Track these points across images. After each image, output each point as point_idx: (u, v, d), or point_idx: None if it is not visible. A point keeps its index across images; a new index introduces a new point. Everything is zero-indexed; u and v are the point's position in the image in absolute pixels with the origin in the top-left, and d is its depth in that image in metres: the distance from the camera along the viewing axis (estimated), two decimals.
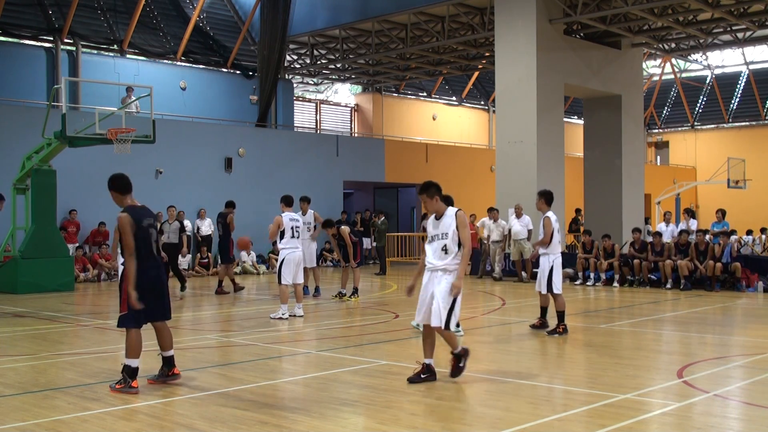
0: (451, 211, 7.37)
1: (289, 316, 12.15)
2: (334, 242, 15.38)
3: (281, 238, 12.38)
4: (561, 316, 10.50)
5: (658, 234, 18.29)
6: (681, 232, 17.96)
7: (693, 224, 19.13)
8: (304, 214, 15.17)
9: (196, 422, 5.97)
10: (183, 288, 16.16)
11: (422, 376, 7.29)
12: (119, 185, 7.26)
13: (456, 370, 7.38)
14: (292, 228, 12.40)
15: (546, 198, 10.63)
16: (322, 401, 6.66)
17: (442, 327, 7.16)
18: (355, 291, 15.15)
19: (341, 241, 15.04)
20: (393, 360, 8.50)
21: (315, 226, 15.70)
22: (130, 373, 6.98)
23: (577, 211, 26.28)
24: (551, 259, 10.58)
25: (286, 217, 12.44)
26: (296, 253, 12.45)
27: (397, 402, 6.62)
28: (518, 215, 19.54)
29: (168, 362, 7.37)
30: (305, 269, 14.41)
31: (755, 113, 40.63)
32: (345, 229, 15.11)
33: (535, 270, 13.31)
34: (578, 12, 21.44)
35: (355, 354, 9.08)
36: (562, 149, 22.56)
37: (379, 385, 7.27)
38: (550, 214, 10.57)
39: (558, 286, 10.57)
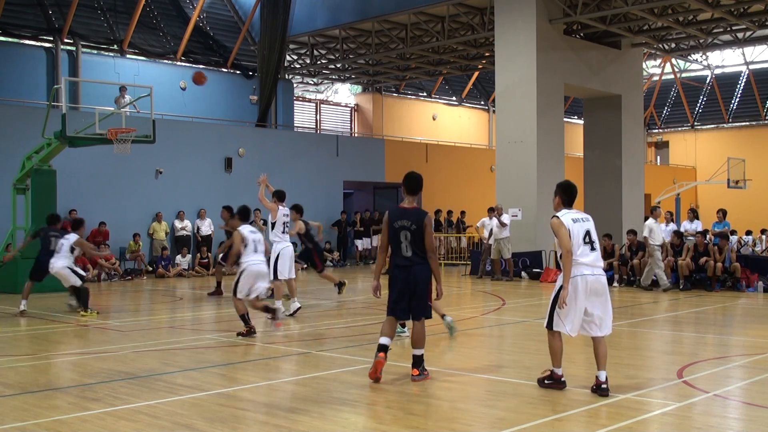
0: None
1: (285, 314, 12.11)
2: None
3: (272, 230, 12.42)
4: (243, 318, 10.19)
5: None
6: (674, 232, 17.90)
7: (698, 225, 19.02)
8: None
9: (196, 422, 5.97)
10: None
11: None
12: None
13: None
14: (283, 224, 12.42)
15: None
16: (322, 401, 6.65)
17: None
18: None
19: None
20: (393, 360, 8.49)
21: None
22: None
23: None
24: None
25: (280, 212, 12.45)
26: (290, 248, 12.51)
27: (397, 402, 6.62)
28: (499, 215, 19.56)
29: (415, 361, 7.49)
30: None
31: (755, 113, 40.61)
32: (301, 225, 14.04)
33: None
34: (578, 12, 21.44)
35: (355, 354, 9.07)
36: (562, 149, 22.55)
37: (379, 385, 7.26)
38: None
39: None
